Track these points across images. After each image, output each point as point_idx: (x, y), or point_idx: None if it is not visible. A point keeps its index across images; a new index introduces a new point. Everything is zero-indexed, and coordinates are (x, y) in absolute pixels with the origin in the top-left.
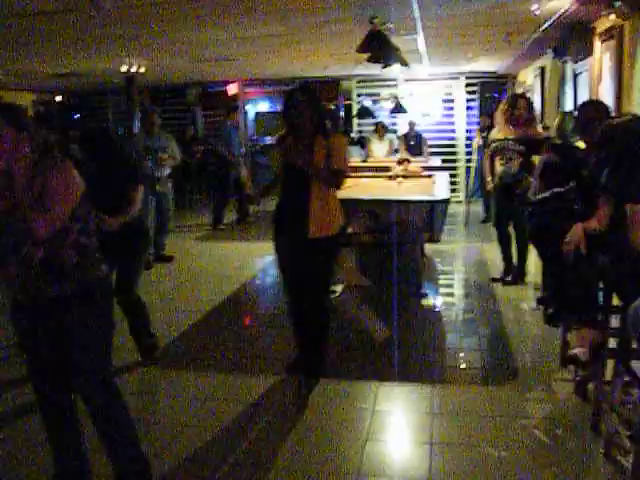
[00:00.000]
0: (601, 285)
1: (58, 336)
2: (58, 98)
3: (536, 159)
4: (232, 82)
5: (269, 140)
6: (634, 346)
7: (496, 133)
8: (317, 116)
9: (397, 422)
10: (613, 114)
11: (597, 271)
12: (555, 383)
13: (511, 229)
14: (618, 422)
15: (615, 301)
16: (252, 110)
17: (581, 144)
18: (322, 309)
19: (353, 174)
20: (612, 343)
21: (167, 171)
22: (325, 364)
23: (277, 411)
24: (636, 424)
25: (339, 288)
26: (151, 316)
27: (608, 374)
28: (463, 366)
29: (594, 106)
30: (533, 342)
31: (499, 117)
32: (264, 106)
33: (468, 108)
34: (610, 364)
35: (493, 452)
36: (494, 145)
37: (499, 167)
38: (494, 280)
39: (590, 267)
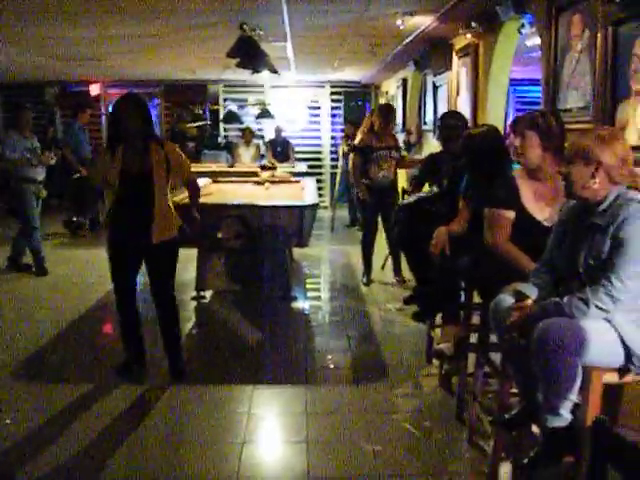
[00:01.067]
0: (464, 284)
1: None
2: None
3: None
4: (95, 82)
5: None
6: (493, 340)
7: (369, 140)
8: (146, 124)
9: (273, 424)
10: (470, 124)
11: (460, 271)
12: (422, 378)
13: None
14: (480, 410)
15: (476, 299)
16: None
17: None
18: (175, 308)
19: (221, 179)
20: (474, 338)
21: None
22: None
23: (151, 418)
24: (496, 410)
25: (208, 294)
26: (8, 328)
27: (470, 367)
28: (334, 366)
29: (454, 116)
30: (400, 340)
31: (378, 127)
32: None
33: (333, 115)
34: (472, 358)
35: (366, 446)
36: (378, 153)
37: (378, 173)
38: (365, 284)
39: (454, 267)
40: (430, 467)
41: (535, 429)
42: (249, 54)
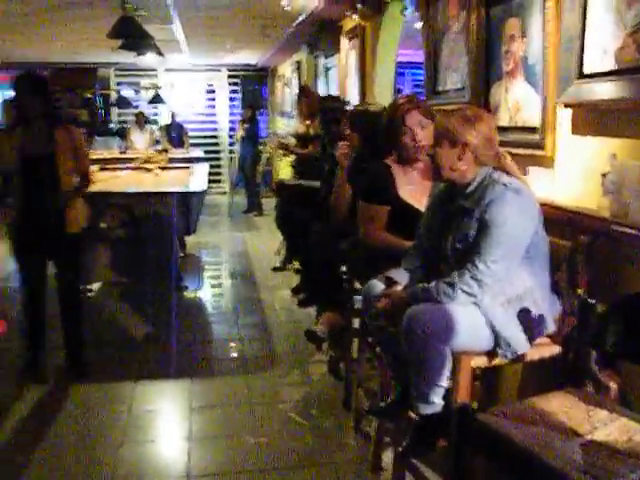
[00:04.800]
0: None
1: None
2: None
3: None
4: None
5: None
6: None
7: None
8: (48, 106)
9: (156, 421)
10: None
11: (340, 256)
12: (311, 365)
13: None
14: (364, 397)
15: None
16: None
17: None
18: (80, 305)
19: (110, 166)
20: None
21: None
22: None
23: (23, 420)
24: (375, 399)
25: (95, 286)
26: None
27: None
28: (222, 357)
29: (334, 99)
30: (292, 328)
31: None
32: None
33: (231, 99)
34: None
35: (250, 439)
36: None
37: None
38: (276, 269)
39: (333, 253)
40: (315, 457)
41: (413, 415)
42: (132, 36)
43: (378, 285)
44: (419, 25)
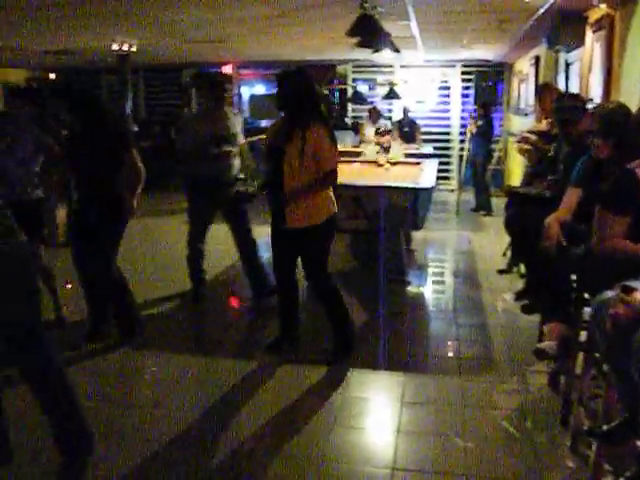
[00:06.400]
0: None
1: None
2: (52, 76)
3: None
4: (227, 64)
5: (264, 123)
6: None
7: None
8: (289, 100)
9: (367, 409)
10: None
11: (570, 263)
12: (529, 375)
13: None
14: (585, 416)
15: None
16: (247, 92)
17: None
18: (329, 291)
19: (344, 159)
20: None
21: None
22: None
23: (247, 395)
24: (601, 418)
25: None
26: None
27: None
28: (438, 355)
29: (571, 97)
30: (512, 333)
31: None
32: (260, 89)
33: (464, 96)
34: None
35: (459, 442)
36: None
37: None
38: (501, 272)
39: (563, 259)
40: (524, 472)
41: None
42: (369, 33)
43: (612, 294)
44: None
